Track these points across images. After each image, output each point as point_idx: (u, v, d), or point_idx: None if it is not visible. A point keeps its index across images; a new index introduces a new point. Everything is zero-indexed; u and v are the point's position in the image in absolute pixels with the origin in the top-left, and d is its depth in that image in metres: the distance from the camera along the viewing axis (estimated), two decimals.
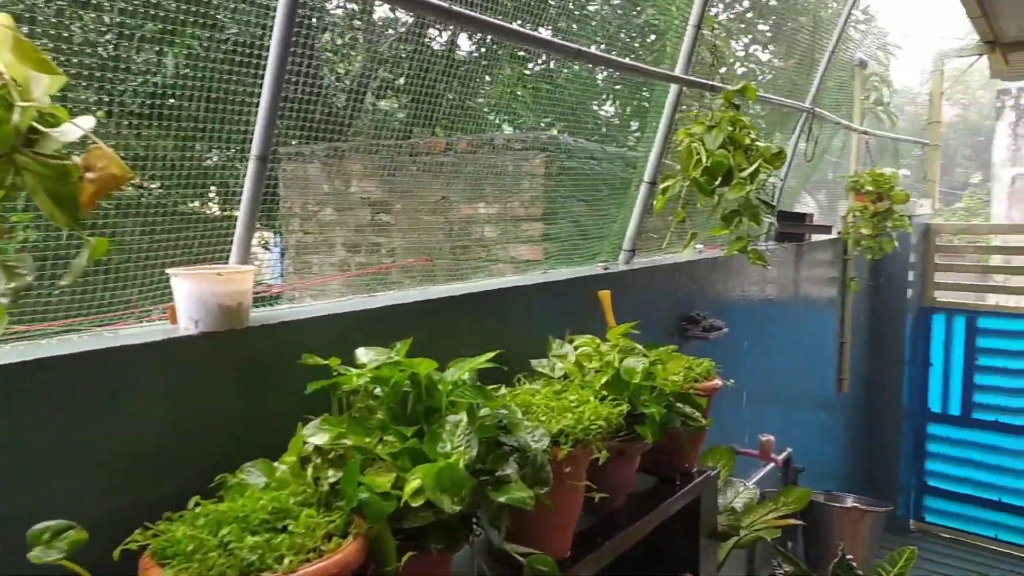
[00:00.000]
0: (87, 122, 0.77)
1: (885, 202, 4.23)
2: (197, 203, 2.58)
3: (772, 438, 3.10)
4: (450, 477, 1.13)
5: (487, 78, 3.74)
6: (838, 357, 4.64)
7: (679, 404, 1.82)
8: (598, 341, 1.93)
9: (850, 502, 3.85)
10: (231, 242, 1.46)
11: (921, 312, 5.35)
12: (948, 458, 5.35)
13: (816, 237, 4.14)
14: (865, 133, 4.79)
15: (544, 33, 2.89)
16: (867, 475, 5.32)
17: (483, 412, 1.30)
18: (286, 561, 0.99)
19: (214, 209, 2.60)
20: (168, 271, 1.27)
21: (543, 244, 3.37)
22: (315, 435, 1.20)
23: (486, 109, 3.77)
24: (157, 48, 1.95)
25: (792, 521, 2.53)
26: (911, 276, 5.17)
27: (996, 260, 5.98)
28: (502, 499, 1.18)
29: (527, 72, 3.85)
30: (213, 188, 2.59)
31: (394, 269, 3.84)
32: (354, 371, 1.31)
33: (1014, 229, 6.24)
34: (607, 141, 4.05)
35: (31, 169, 0.72)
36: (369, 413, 1.29)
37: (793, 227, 3.84)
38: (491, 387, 1.50)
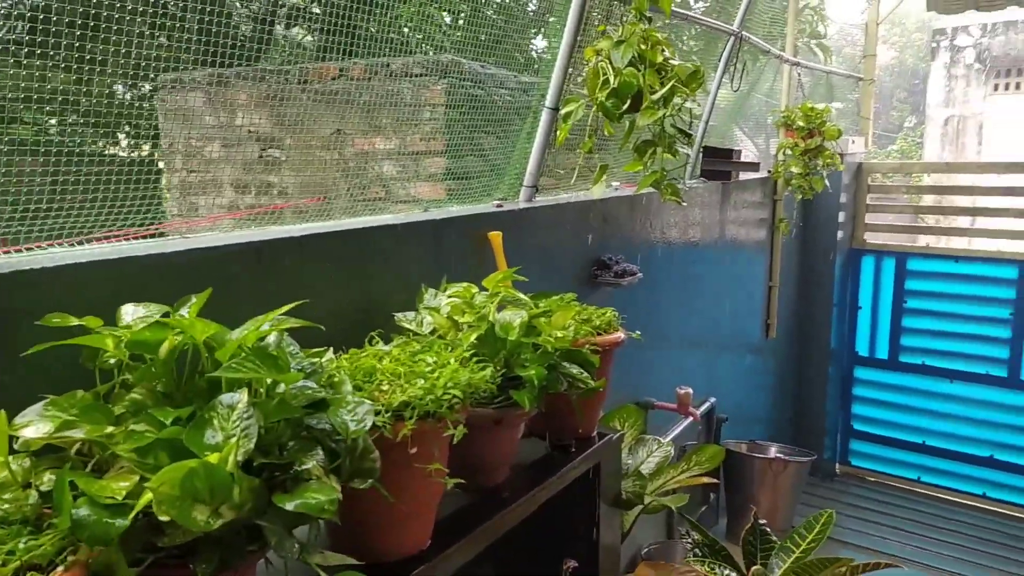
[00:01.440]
0: None
1: (816, 138, 4.01)
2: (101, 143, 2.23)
3: (690, 390, 2.89)
4: (208, 481, 0.83)
5: None
6: (766, 301, 4.47)
7: (565, 364, 1.55)
8: (475, 290, 1.64)
9: (773, 452, 3.71)
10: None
11: (851, 254, 5.21)
12: (874, 402, 5.30)
13: (744, 175, 3.90)
14: (797, 65, 4.54)
15: None
16: (794, 420, 5.24)
17: (281, 387, 0.99)
18: None
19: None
20: None
21: (446, 182, 3.04)
22: (32, 424, 0.88)
23: (406, 29, 3.37)
24: None
25: (705, 480, 2.33)
26: (842, 217, 5.01)
27: (928, 201, 5.88)
28: (289, 506, 0.88)
29: None
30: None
31: (286, 209, 3.47)
32: (109, 333, 0.99)
33: (949, 168, 6.13)
34: (524, 69, 3.70)
35: None
36: (124, 391, 0.97)
37: (719, 164, 3.58)
38: (315, 351, 1.20)
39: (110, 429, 0.90)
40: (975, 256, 4.86)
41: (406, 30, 3.22)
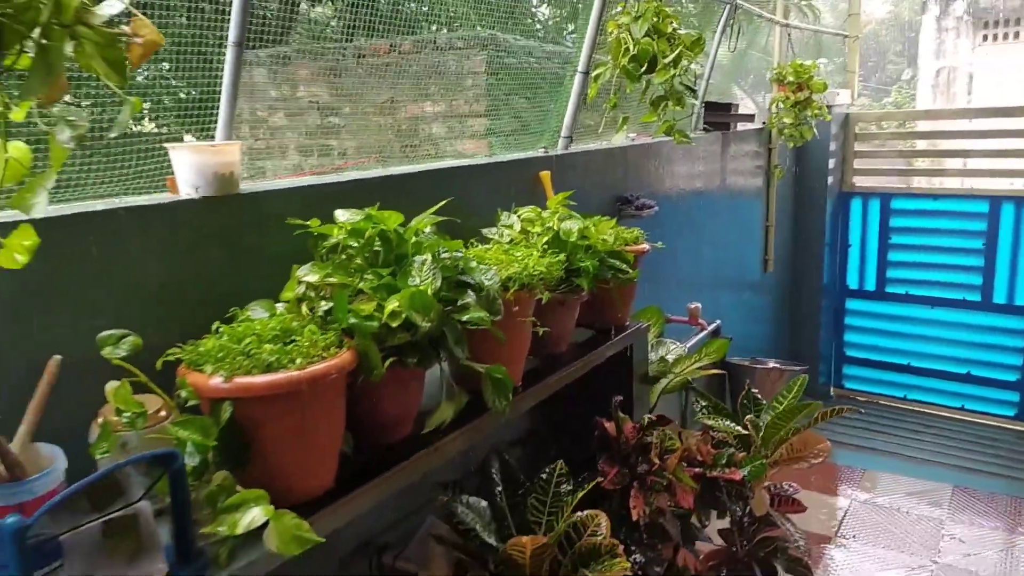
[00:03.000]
0: (114, 3, 0.98)
1: (805, 92, 4.53)
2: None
3: (699, 305, 3.46)
4: (421, 300, 1.40)
5: None
6: (763, 240, 5.03)
7: (611, 260, 2.12)
8: (540, 210, 2.20)
9: (771, 364, 4.29)
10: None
11: (840, 196, 5.76)
12: (864, 329, 5.88)
13: (742, 126, 4.44)
14: (787, 26, 5.04)
15: None
16: (791, 348, 5.82)
17: (444, 255, 1.56)
18: (298, 361, 1.27)
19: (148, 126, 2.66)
20: (166, 145, 1.48)
21: (487, 138, 3.59)
22: (308, 274, 1.45)
23: (425, 9, 3.90)
24: None
25: (714, 371, 2.91)
26: (831, 163, 5.54)
27: (921, 146, 6.40)
28: (463, 318, 1.46)
29: None
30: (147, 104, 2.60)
31: (348, 168, 4.02)
32: (335, 226, 1.56)
33: (928, 115, 6.65)
34: (545, 40, 4.22)
35: (89, 39, 0.94)
36: (348, 261, 1.55)
37: (719, 116, 4.12)
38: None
39: (350, 279, 1.47)
40: (951, 193, 5.41)
41: (439, 9, 3.75)
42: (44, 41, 0.90)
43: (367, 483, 1.42)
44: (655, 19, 2.64)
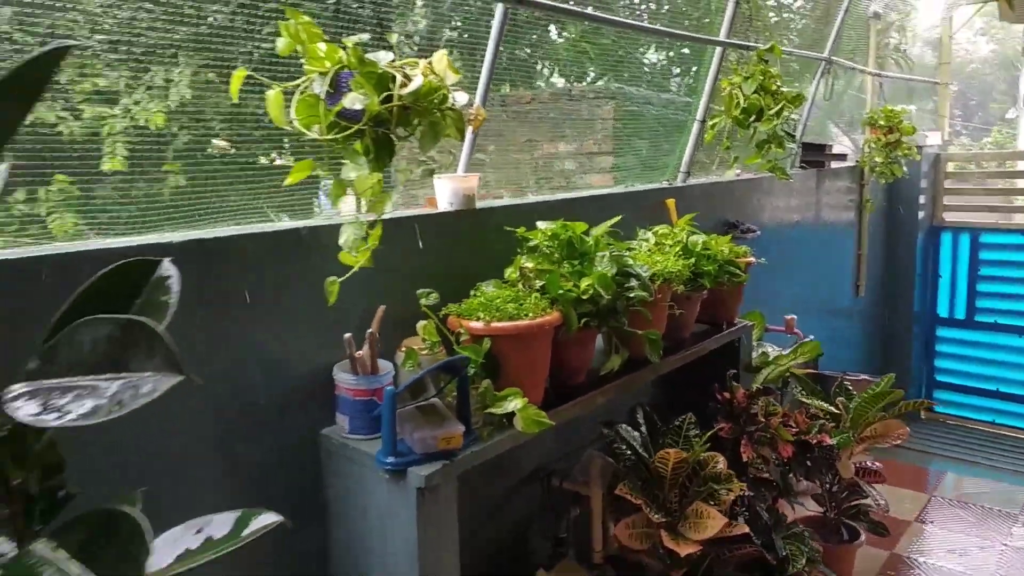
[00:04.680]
0: (463, 96, 1.71)
1: (895, 134, 5.04)
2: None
3: (795, 316, 4.01)
4: (604, 281, 2.08)
5: (559, 38, 4.60)
6: (855, 266, 5.51)
7: (727, 266, 2.75)
8: (669, 227, 2.86)
9: (862, 376, 4.76)
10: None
11: (931, 230, 6.16)
12: (954, 356, 6.21)
13: (835, 164, 4.97)
14: (878, 76, 5.56)
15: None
16: (882, 372, 6.19)
17: (615, 253, 2.24)
18: (529, 315, 1.96)
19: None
20: (433, 177, 2.22)
21: (613, 173, 4.27)
22: (527, 262, 2.15)
23: (547, 63, 4.64)
24: None
25: (809, 369, 3.46)
26: (922, 199, 5.97)
27: (1005, 185, 6.73)
28: (631, 295, 2.13)
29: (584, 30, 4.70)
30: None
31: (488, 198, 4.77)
32: (539, 231, 2.26)
33: (1018, 155, 6.95)
34: (655, 87, 4.90)
35: (451, 116, 1.67)
36: (548, 255, 2.24)
37: (815, 156, 4.68)
38: None
39: (552, 266, 2.16)
40: None
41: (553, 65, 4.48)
42: (432, 119, 1.64)
43: (563, 405, 2.10)
44: (762, 78, 3.27)
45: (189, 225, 1.94)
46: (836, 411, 3.02)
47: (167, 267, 1.17)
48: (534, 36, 4.20)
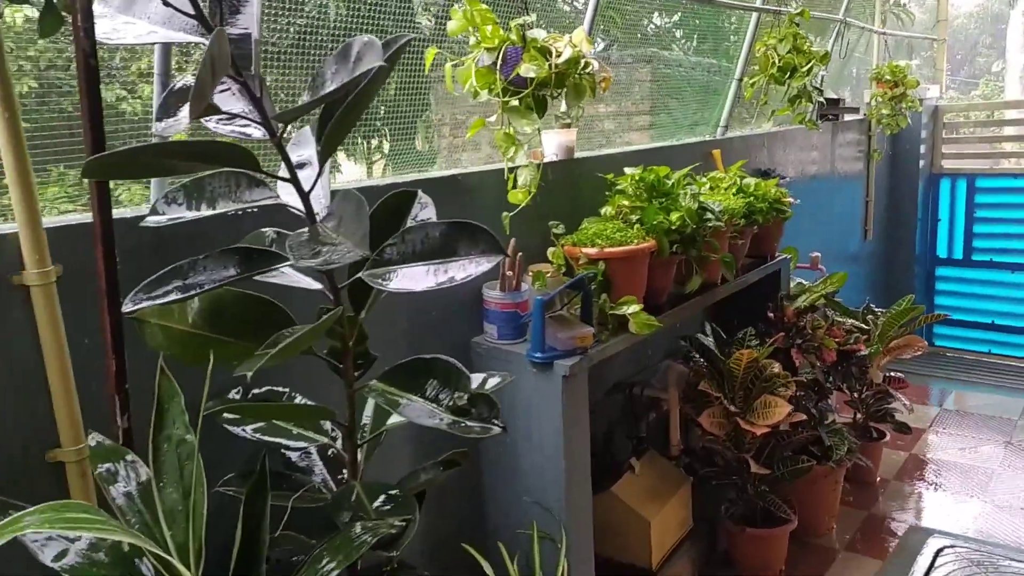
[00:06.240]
0: (596, 63, 2.14)
1: (900, 88, 5.48)
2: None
3: (819, 254, 4.48)
4: (690, 213, 2.53)
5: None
6: (864, 212, 5.98)
7: (775, 203, 3.20)
8: (721, 173, 3.31)
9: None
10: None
11: (931, 177, 6.63)
12: (952, 293, 6.73)
13: (847, 117, 5.42)
14: (884, 33, 5.98)
15: None
16: (887, 306, 6.70)
17: (693, 191, 2.69)
18: (635, 241, 2.41)
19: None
20: (540, 129, 2.65)
21: (649, 131, 4.70)
22: (623, 200, 2.60)
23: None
24: None
25: (836, 299, 3.94)
26: (923, 149, 6.43)
27: (1005, 132, 7.22)
28: (709, 224, 2.58)
29: None
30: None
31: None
32: (627, 176, 2.70)
33: (1008, 105, 7.40)
34: (685, 51, 5.31)
35: (587, 79, 2.11)
36: (637, 196, 2.68)
37: (830, 109, 5.12)
38: None
39: (641, 204, 2.61)
40: None
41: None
42: (576, 82, 2.07)
43: (656, 316, 2.56)
44: (794, 40, 3.70)
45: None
46: (866, 327, 3.51)
47: (423, 197, 1.63)
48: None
